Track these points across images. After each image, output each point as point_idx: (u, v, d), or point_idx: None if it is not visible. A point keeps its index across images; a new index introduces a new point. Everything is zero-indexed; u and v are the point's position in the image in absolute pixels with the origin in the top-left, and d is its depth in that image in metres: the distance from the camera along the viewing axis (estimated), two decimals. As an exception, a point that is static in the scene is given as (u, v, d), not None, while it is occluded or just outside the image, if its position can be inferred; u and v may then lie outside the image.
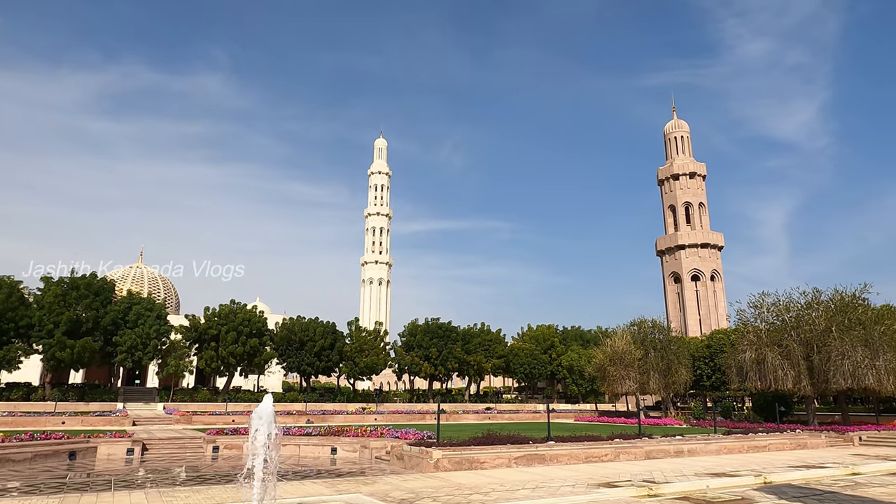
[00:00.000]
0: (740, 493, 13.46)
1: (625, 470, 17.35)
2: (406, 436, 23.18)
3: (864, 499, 12.64)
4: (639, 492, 13.32)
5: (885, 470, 18.28)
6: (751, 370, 36.78)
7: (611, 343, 48.79)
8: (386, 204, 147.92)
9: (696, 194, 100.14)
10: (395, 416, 48.05)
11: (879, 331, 33.55)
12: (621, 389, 48.62)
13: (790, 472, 16.79)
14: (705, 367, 54.48)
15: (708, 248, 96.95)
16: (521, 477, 15.68)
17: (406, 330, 69.09)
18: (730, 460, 20.57)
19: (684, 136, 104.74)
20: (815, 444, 26.83)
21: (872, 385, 32.86)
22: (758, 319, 38.82)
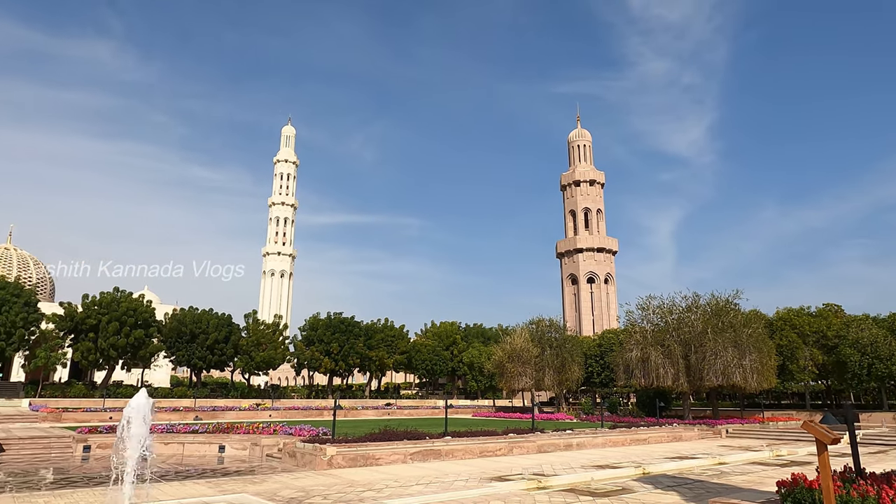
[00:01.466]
0: (622, 483, 14.21)
1: (517, 464, 17.82)
2: (301, 432, 22.49)
3: (727, 486, 13.77)
4: (529, 485, 13.71)
5: (746, 459, 20.08)
6: (636, 368, 39.22)
7: (510, 341, 50.22)
8: (292, 194, 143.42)
9: (595, 201, 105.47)
10: (291, 412, 46.64)
11: (747, 333, 36.94)
12: (518, 386, 50.19)
13: (666, 463, 17.99)
14: (596, 365, 57.53)
15: (603, 253, 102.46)
16: (417, 472, 15.66)
17: (307, 324, 67.35)
18: (614, 453, 21.74)
19: (587, 145, 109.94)
20: (689, 437, 29.05)
21: (739, 382, 36.14)
22: (644, 321, 41.47)
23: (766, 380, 37.37)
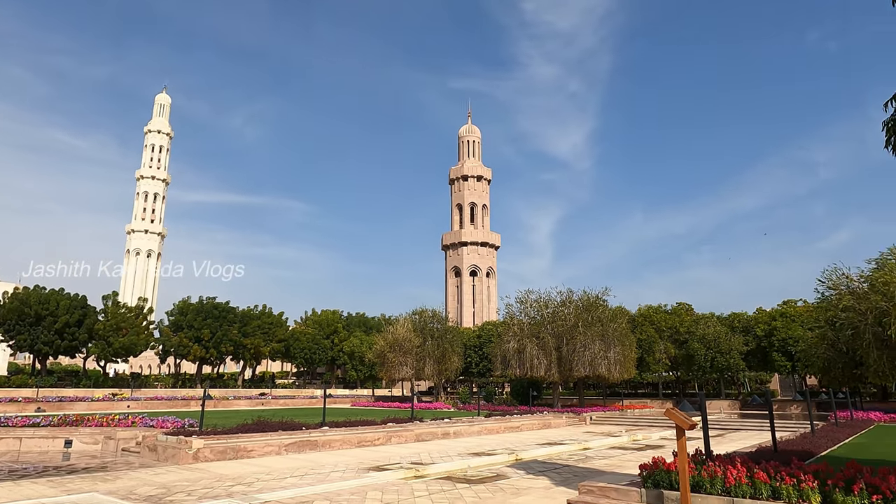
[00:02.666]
0: (496, 470, 14.63)
1: (395, 453, 17.77)
2: (164, 424, 20.84)
3: (592, 469, 14.65)
4: (406, 474, 13.67)
5: (607, 444, 21.58)
6: (513, 359, 40.84)
7: (392, 330, 50.21)
8: (164, 167, 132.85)
9: (482, 196, 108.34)
10: (153, 402, 43.25)
11: (613, 328, 39.81)
12: (398, 375, 50.34)
13: (537, 450, 18.83)
14: (475, 356, 59.24)
15: (487, 247, 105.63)
16: (292, 464, 15.06)
17: (176, 308, 62.87)
18: (489, 440, 22.41)
19: (476, 141, 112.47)
20: (558, 424, 30.75)
21: (604, 373, 38.87)
22: (522, 314, 43.27)
23: (627, 371, 40.54)
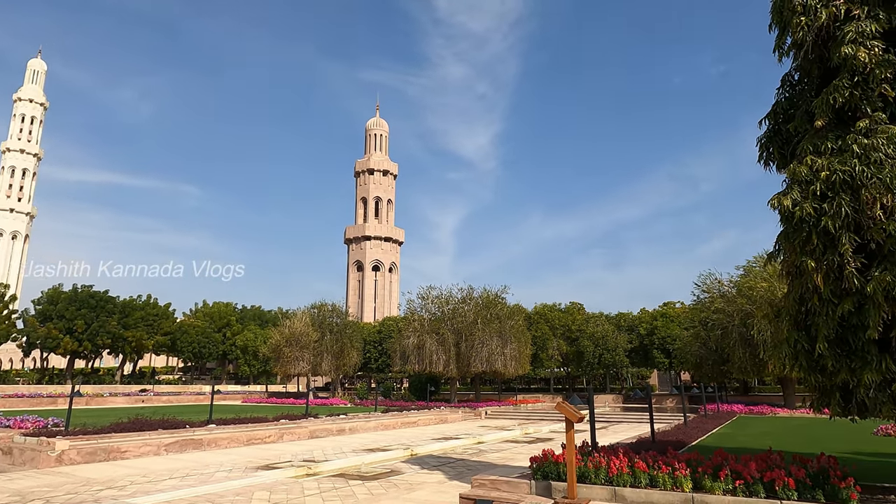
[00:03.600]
0: (391, 465, 14.49)
1: (287, 451, 17.14)
2: (22, 424, 18.74)
3: (485, 463, 14.92)
4: (298, 472, 13.20)
5: (501, 438, 22.13)
6: (412, 354, 40.92)
7: (289, 324, 48.65)
8: (36, 141, 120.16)
9: (387, 191, 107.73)
10: (13, 401, 38.95)
11: (510, 325, 41.02)
12: (294, 370, 48.88)
13: (433, 445, 18.92)
14: (374, 351, 58.78)
15: (390, 242, 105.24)
16: (172, 465, 14.06)
17: (45, 297, 57.11)
18: (385, 436, 22.24)
19: (383, 135, 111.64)
20: (454, 419, 31.17)
21: (500, 369, 39.95)
22: (423, 310, 43.49)
23: (522, 366, 41.94)
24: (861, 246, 7.63)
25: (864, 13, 8.04)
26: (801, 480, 7.88)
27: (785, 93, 9.70)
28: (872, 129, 7.70)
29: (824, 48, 8.56)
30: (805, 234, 8.01)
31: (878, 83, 7.84)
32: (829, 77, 8.69)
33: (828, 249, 7.80)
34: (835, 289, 7.79)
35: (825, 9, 8.25)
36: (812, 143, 8.32)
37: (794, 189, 8.17)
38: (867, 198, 7.41)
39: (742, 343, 32.99)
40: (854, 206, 7.55)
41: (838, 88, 8.07)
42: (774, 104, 9.76)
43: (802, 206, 7.93)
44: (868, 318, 7.40)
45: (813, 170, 8.00)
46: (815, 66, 8.87)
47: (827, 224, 7.70)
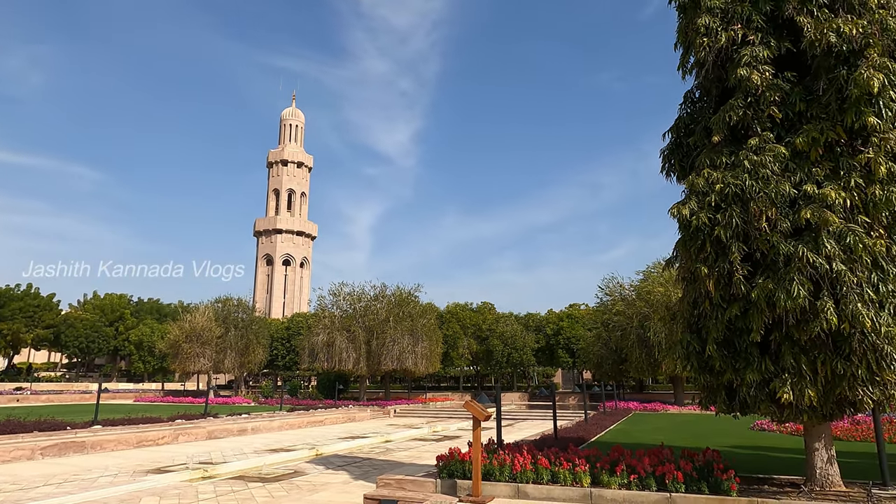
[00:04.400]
0: (294, 466, 14.03)
1: (183, 452, 16.16)
2: None
3: (392, 462, 14.80)
4: (193, 475, 12.46)
5: (409, 436, 22.08)
6: (321, 351, 40.04)
7: (190, 319, 46.10)
8: None
9: (301, 184, 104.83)
10: None
11: (422, 323, 41.13)
12: (194, 368, 46.38)
13: (339, 444, 18.54)
14: (282, 348, 57.00)
15: (303, 237, 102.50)
16: (49, 470, 12.84)
17: None
18: (290, 436, 21.55)
19: (299, 126, 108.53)
20: (363, 418, 30.78)
21: (411, 367, 39.95)
22: (335, 306, 42.67)
23: (432, 365, 42.18)
24: (748, 255, 8.21)
25: (758, 39, 8.66)
26: (689, 474, 8.39)
27: (687, 108, 10.29)
28: (762, 147, 8.31)
29: (723, 69, 9.16)
30: (700, 242, 8.52)
31: (768, 105, 8.47)
32: (726, 96, 9.31)
33: (719, 257, 8.35)
34: (724, 294, 8.34)
35: (725, 32, 8.82)
36: (709, 157, 8.87)
37: (692, 199, 8.68)
38: (755, 210, 7.99)
39: (639, 344, 34.94)
40: (744, 218, 8.12)
41: (733, 107, 8.65)
42: (677, 119, 10.33)
43: (699, 216, 8.43)
44: (752, 322, 7.98)
45: (709, 182, 8.52)
46: (715, 85, 9.47)
47: (720, 233, 8.24)
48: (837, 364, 7.55)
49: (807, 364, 7.71)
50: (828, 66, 8.20)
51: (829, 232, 7.55)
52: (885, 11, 8.07)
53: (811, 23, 8.22)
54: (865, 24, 7.89)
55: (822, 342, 7.64)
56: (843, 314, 7.36)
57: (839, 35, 7.94)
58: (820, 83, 8.31)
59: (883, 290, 7.49)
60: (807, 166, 8.13)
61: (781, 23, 8.72)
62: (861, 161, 7.83)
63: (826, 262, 7.46)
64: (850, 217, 7.70)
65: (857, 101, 7.81)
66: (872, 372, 7.48)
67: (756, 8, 8.77)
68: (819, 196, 7.74)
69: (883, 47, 7.90)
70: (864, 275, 7.50)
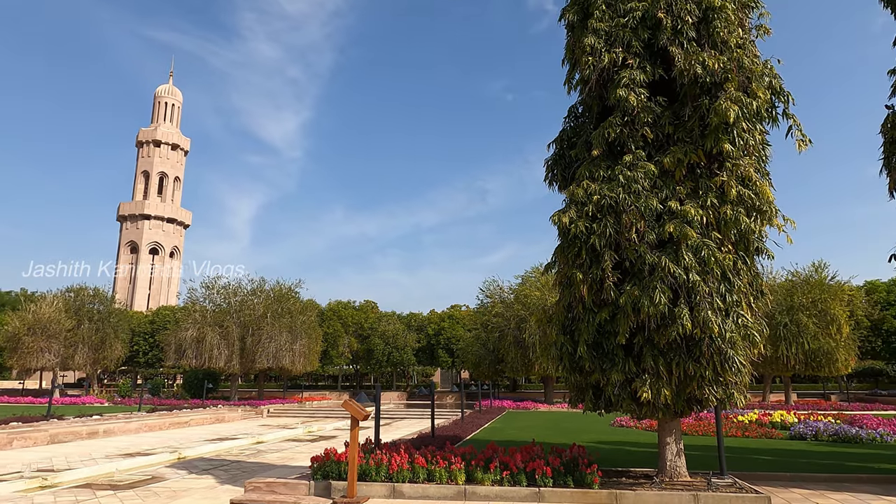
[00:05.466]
0: (152, 471, 12.94)
1: (18, 459, 14.31)
2: None
3: (263, 464, 14.13)
4: (29, 484, 11.05)
5: (282, 437, 21.26)
6: (189, 348, 37.46)
7: (35, 309, 41.17)
8: None
9: (175, 167, 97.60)
10: None
11: (302, 320, 39.89)
12: (38, 364, 41.44)
13: (205, 446, 17.40)
14: (144, 344, 52.60)
15: (174, 224, 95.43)
16: None
17: None
18: (150, 438, 19.91)
19: (176, 105, 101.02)
20: (233, 418, 29.19)
21: (288, 365, 38.59)
22: (207, 300, 40.14)
23: (310, 363, 41.05)
24: (619, 263, 8.81)
25: (636, 63, 9.33)
26: (557, 468, 8.82)
27: (570, 122, 10.85)
28: (635, 163, 8.96)
29: (604, 88, 9.76)
30: (577, 249, 9.00)
31: (642, 125, 9.15)
32: (606, 113, 9.93)
33: (594, 264, 8.87)
34: (596, 299, 8.88)
35: (608, 53, 9.40)
36: (588, 169, 9.41)
37: (572, 209, 9.15)
38: (626, 222, 8.58)
39: (515, 345, 36.41)
40: (616, 228, 8.70)
41: (612, 125, 9.24)
42: (561, 131, 10.86)
43: (577, 224, 8.90)
44: (619, 326, 8.56)
45: (588, 193, 9.03)
46: (596, 102, 10.07)
47: (595, 242, 8.75)
48: (689, 366, 8.31)
49: (664, 365, 8.41)
50: (694, 94, 9.02)
51: (688, 245, 8.30)
52: (741, 51, 9.03)
53: (681, 54, 8.99)
54: (726, 60, 8.78)
55: (678, 346, 8.37)
56: (696, 320, 8.12)
57: (704, 67, 8.76)
58: (686, 109, 9.12)
59: (729, 300, 8.36)
60: (672, 184, 8.89)
61: (656, 51, 9.46)
62: (717, 183, 8.69)
63: (684, 273, 8.19)
64: (705, 233, 8.52)
65: (716, 129, 8.67)
66: (717, 373, 8.32)
67: (636, 35, 9.44)
68: (681, 212, 8.48)
69: (739, 82, 8.83)
70: (714, 285, 8.33)
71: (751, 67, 8.92)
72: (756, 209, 8.62)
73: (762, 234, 8.85)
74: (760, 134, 9.10)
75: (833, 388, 51.34)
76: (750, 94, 8.84)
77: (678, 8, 9.19)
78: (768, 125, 9.30)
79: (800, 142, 9.01)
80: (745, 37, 9.39)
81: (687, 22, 9.10)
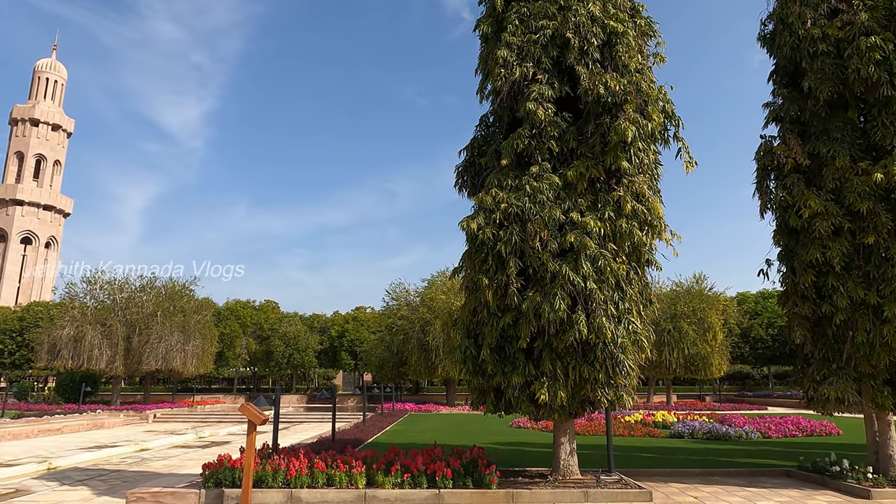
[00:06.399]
0: (16, 484, 11.73)
1: None
2: None
3: (147, 473, 13.22)
4: None
5: (170, 444, 20.00)
6: (65, 348, 34.29)
7: None
8: None
9: (56, 150, 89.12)
10: None
11: (196, 319, 37.74)
12: None
13: (81, 455, 16.02)
14: (11, 342, 47.49)
15: (52, 212, 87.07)
16: None
17: None
18: (14, 448, 18.02)
19: (59, 82, 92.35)
20: (114, 424, 27.08)
21: (179, 367, 36.32)
22: (88, 296, 37.00)
23: (204, 365, 38.91)
24: (522, 270, 9.12)
25: (545, 79, 9.73)
26: (457, 470, 8.96)
27: (482, 131, 11.11)
28: (541, 175, 9.33)
29: (515, 100, 10.09)
30: (484, 254, 9.23)
31: (549, 138, 9.55)
32: (515, 125, 10.26)
33: (499, 270, 9.13)
34: (500, 304, 9.14)
35: (519, 67, 9.73)
36: (497, 177, 9.68)
37: (480, 215, 9.36)
38: (531, 230, 8.91)
39: (419, 348, 36.58)
40: (521, 236, 9.01)
41: (520, 136, 9.57)
42: (472, 139, 11.09)
43: (485, 231, 9.13)
44: (521, 331, 8.86)
45: (496, 201, 9.29)
46: (507, 113, 10.39)
47: (501, 249, 9.01)
48: (585, 369, 8.76)
49: (561, 369, 8.81)
50: (597, 112, 9.55)
51: (587, 255, 8.76)
52: (640, 75, 9.68)
53: (587, 74, 9.49)
54: (626, 83, 9.37)
55: (575, 350, 8.80)
56: (591, 326, 8.58)
57: (607, 88, 9.30)
58: (589, 126, 9.63)
59: (622, 307, 8.91)
60: (574, 196, 9.34)
61: (564, 69, 9.92)
62: (614, 197, 9.24)
63: (583, 281, 8.63)
64: (602, 244, 9.03)
65: (616, 147, 9.23)
66: (609, 376, 8.83)
67: (546, 52, 9.85)
68: (581, 223, 8.94)
69: (637, 105, 9.45)
70: (609, 293, 8.84)
71: (648, 92, 9.58)
72: (648, 223, 9.26)
73: (652, 246, 9.52)
74: (654, 154, 9.79)
75: (708, 389, 55.99)
76: (646, 116, 9.49)
77: (585, 30, 9.70)
78: (661, 146, 10.02)
79: (687, 163, 9.80)
80: (644, 63, 10.08)
81: (592, 44, 9.62)
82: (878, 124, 9.89)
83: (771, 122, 11.38)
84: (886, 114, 9.83)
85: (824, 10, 10.49)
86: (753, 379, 65.97)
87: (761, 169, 11.07)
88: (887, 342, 9.32)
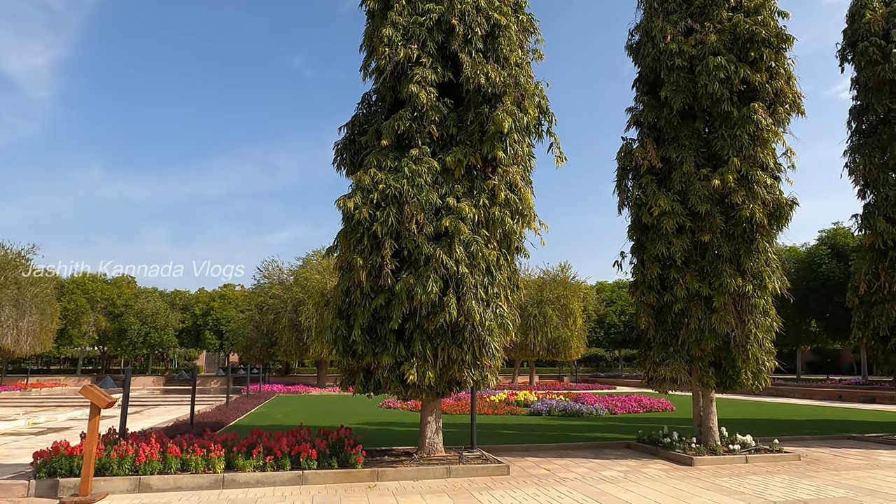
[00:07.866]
0: None
1: None
2: None
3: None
4: None
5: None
6: None
7: None
8: None
9: None
10: None
11: (33, 293, 33.70)
12: None
13: None
14: None
15: None
16: None
17: None
18: None
19: None
20: (-78, 410, 23.46)
21: (10, 346, 32.28)
22: None
23: (42, 343, 34.94)
24: (398, 252, 9.16)
25: (429, 63, 9.77)
26: (322, 451, 8.87)
27: (364, 109, 10.93)
28: (420, 158, 9.39)
29: (398, 81, 10.03)
30: (360, 234, 9.13)
31: (430, 123, 9.62)
32: (397, 106, 10.21)
33: (374, 251, 9.09)
34: (374, 285, 9.12)
35: (404, 48, 9.68)
36: (377, 157, 9.59)
37: (358, 194, 9.24)
38: (408, 213, 8.96)
39: (291, 328, 35.58)
40: (398, 218, 9.03)
41: (402, 118, 9.55)
42: (354, 116, 10.87)
43: (362, 210, 9.03)
44: (393, 312, 8.92)
45: (374, 181, 9.21)
46: (389, 93, 10.30)
47: (377, 229, 8.97)
48: (453, 350, 9.02)
49: (431, 350, 9.00)
50: (477, 101, 9.77)
51: (460, 240, 8.98)
52: (519, 69, 10.04)
53: (470, 62, 9.67)
54: (506, 75, 9.68)
55: (444, 332, 9.03)
56: (461, 309, 8.84)
57: (488, 79, 9.54)
58: (470, 114, 9.84)
59: (491, 292, 9.28)
60: (451, 182, 9.52)
61: (448, 55, 10.01)
62: (489, 185, 9.55)
63: (455, 265, 8.85)
64: (476, 230, 9.31)
65: (493, 137, 9.52)
66: (476, 357, 9.18)
67: (431, 36, 9.88)
68: (457, 209, 9.14)
69: (515, 98, 9.81)
70: (479, 278, 9.16)
71: (525, 86, 9.97)
72: (519, 213, 9.68)
73: (522, 234, 9.99)
74: (528, 146, 10.24)
75: (566, 371, 60.31)
76: (522, 109, 9.88)
77: (470, 19, 9.85)
78: (535, 139, 10.50)
79: (558, 158, 10.37)
80: (524, 57, 10.47)
81: (477, 33, 9.80)
82: (719, 136, 11.12)
83: (632, 126, 12.36)
84: (726, 127, 11.08)
85: (682, 28, 11.54)
86: (606, 361, 72.07)
87: (621, 168, 12.00)
88: (714, 329, 10.59)
